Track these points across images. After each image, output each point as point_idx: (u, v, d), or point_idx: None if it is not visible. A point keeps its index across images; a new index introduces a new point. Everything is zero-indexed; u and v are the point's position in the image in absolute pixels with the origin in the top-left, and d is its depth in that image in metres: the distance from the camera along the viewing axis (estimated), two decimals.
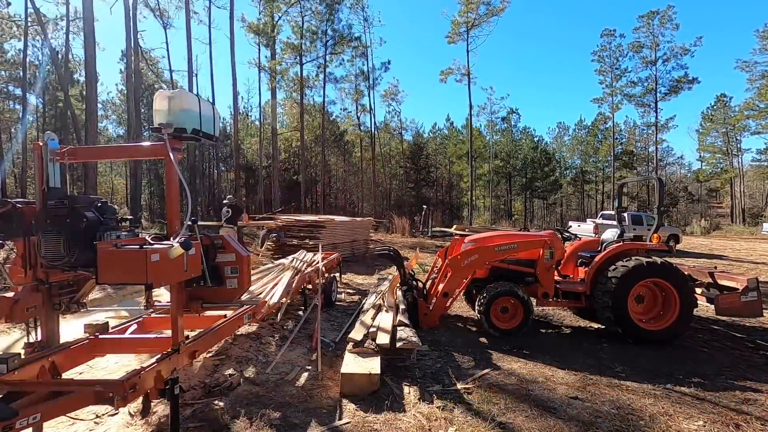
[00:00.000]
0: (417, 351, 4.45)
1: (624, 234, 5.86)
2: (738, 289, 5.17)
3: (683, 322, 4.86)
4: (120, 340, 3.33)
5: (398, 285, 5.76)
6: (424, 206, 24.17)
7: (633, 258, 5.01)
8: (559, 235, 5.77)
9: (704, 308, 6.43)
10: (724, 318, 6.07)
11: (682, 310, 4.83)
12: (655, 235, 5.47)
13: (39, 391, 2.35)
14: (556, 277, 5.54)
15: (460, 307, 6.70)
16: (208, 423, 2.97)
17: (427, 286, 5.75)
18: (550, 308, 6.59)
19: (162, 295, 5.66)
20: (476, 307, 5.16)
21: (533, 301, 5.30)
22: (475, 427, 3.01)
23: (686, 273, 5.60)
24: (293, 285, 5.32)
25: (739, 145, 44.15)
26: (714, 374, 4.07)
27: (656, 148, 39.92)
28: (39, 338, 2.91)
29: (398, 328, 4.49)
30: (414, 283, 5.69)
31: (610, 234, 5.92)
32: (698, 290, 5.45)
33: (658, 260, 4.94)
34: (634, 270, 4.82)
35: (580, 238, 6.48)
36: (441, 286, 5.27)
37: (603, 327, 5.37)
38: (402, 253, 14.33)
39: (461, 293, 5.73)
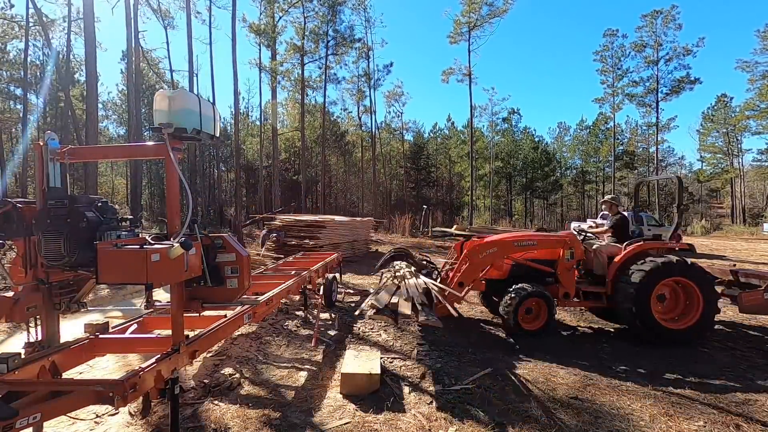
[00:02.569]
0: (418, 351, 4.46)
1: (642, 234, 5.81)
2: (761, 286, 5.09)
3: (707, 321, 4.81)
4: (120, 340, 3.33)
5: (414, 272, 5.68)
6: (425, 206, 24.17)
7: (656, 257, 4.96)
8: (578, 235, 5.81)
9: None
10: (723, 318, 6.06)
11: (705, 309, 4.78)
12: (675, 234, 5.49)
13: (39, 391, 2.35)
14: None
15: (460, 307, 6.70)
16: (208, 423, 2.97)
17: (441, 276, 5.76)
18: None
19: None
20: (501, 309, 5.08)
21: None
22: (475, 427, 3.00)
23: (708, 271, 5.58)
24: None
25: (739, 146, 44.12)
26: (714, 374, 4.06)
27: (657, 148, 39.85)
28: (39, 338, 2.91)
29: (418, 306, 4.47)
30: (433, 272, 5.64)
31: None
32: (719, 288, 5.35)
33: (681, 259, 4.91)
34: (656, 269, 4.76)
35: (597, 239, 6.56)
36: (457, 276, 5.25)
37: (615, 327, 5.38)
38: None
39: (476, 288, 5.65)
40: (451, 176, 48.36)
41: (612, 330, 5.52)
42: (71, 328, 4.41)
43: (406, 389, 3.59)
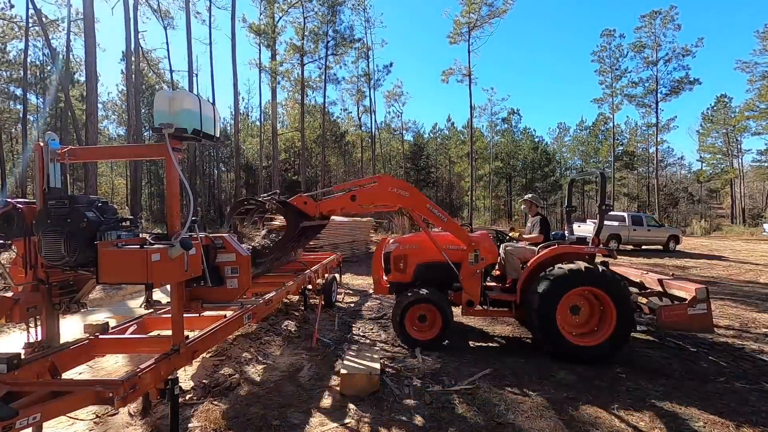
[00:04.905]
0: (417, 351, 4.46)
1: (568, 236, 5.16)
2: (686, 299, 4.51)
3: (620, 336, 4.23)
4: (120, 341, 3.33)
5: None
6: None
7: (557, 265, 4.38)
8: (494, 235, 5.33)
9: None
10: (722, 319, 6.06)
11: (619, 324, 4.20)
12: (595, 237, 4.81)
13: (39, 391, 2.35)
14: (490, 283, 4.97)
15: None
16: (207, 423, 2.97)
17: None
18: None
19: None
20: (392, 316, 4.75)
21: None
22: (475, 427, 3.00)
23: (639, 280, 5.19)
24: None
25: (739, 146, 44.15)
26: (714, 375, 4.06)
27: (656, 148, 39.88)
28: (39, 338, 2.91)
29: None
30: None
31: (558, 235, 5.26)
32: (644, 300, 4.91)
33: (592, 266, 4.36)
34: (563, 277, 4.23)
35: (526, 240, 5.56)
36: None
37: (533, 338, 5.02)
38: None
39: (378, 293, 5.25)
40: (450, 176, 48.39)
41: (529, 340, 5.04)
42: (71, 328, 4.41)
43: (406, 389, 3.59)
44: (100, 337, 3.19)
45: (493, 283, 5.06)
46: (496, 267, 5.22)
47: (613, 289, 4.26)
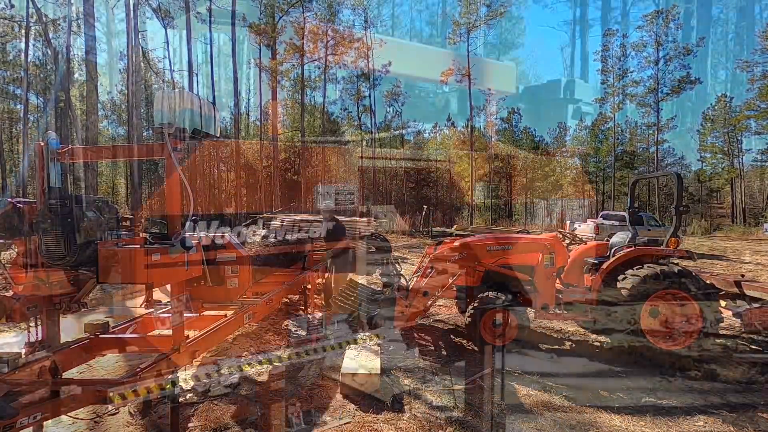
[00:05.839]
0: (418, 350, 4.46)
1: (637, 237, 5.13)
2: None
3: (704, 343, 4.20)
4: (120, 340, 3.33)
5: (379, 275, 5.31)
6: (425, 206, 24.16)
7: (646, 266, 4.36)
8: (562, 238, 5.32)
9: None
10: (725, 321, 6.04)
11: (705, 327, 4.18)
12: (673, 238, 4.82)
13: (39, 391, 2.35)
14: (558, 286, 4.90)
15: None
16: (208, 423, 2.97)
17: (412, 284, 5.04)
18: None
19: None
20: (464, 320, 4.69)
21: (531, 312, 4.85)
22: (475, 427, 3.00)
23: (709, 281, 4.97)
24: None
25: (740, 146, 44.09)
26: (714, 375, 4.06)
27: (657, 148, 39.86)
28: (39, 338, 2.91)
29: None
30: (398, 278, 5.00)
31: (619, 237, 5.24)
32: (722, 302, 4.80)
33: (676, 268, 4.32)
34: (647, 279, 4.20)
35: (585, 242, 5.67)
36: (421, 285, 4.69)
37: (602, 341, 5.03)
38: (402, 253, 14.29)
39: (445, 297, 5.21)
40: (451, 176, 48.35)
41: (599, 344, 5.02)
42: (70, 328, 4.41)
43: (406, 389, 3.59)
44: (101, 336, 3.19)
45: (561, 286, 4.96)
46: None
47: (702, 294, 4.23)
